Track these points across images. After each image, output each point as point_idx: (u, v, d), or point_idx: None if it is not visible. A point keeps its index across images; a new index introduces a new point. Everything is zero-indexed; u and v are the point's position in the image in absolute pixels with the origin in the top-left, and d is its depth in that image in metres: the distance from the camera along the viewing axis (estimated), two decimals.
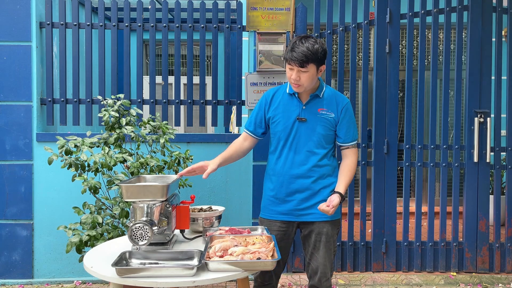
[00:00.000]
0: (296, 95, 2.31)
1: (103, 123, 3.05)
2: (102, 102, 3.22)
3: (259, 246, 1.96)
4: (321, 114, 2.29)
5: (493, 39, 3.68)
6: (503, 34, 4.21)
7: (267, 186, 2.41)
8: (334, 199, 2.19)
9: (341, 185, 2.27)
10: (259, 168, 3.60)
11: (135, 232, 1.93)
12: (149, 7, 3.67)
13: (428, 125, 3.76)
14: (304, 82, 2.21)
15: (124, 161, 2.96)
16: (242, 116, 3.79)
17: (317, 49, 2.17)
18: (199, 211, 2.36)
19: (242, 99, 3.72)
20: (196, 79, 3.89)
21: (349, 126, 2.33)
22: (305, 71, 2.18)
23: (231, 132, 4.86)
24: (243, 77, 3.72)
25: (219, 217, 2.38)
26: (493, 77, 3.70)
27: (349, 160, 2.34)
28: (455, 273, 3.70)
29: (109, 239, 2.84)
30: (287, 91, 2.34)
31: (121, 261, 1.86)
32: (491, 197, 3.87)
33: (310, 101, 2.31)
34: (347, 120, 2.32)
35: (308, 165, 2.29)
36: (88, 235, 2.83)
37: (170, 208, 2.08)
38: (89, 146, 2.93)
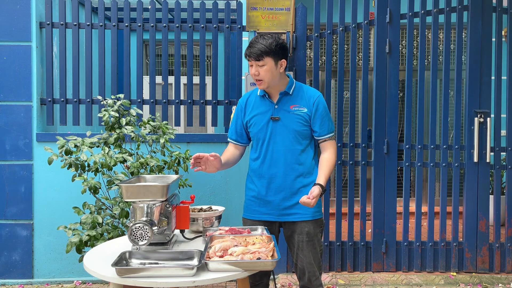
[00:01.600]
0: (267, 96, 2.36)
1: (103, 123, 3.05)
2: (102, 102, 3.22)
3: (259, 246, 1.96)
4: (293, 111, 2.33)
5: (493, 39, 3.68)
6: (503, 34, 4.21)
7: (248, 186, 2.46)
8: (314, 190, 2.20)
9: (321, 177, 2.29)
10: None
11: (135, 232, 1.93)
12: (149, 7, 3.67)
13: (428, 125, 3.76)
14: (264, 77, 2.26)
15: (124, 161, 2.96)
16: None
17: (271, 43, 2.24)
18: (199, 211, 2.36)
19: None
20: (196, 79, 3.89)
21: (323, 119, 2.34)
22: (262, 65, 2.24)
23: None
24: (243, 77, 3.72)
25: (219, 217, 2.38)
26: (493, 77, 3.70)
27: (328, 153, 2.36)
28: (455, 273, 3.70)
29: (109, 239, 2.84)
30: (258, 94, 2.40)
31: (121, 261, 1.86)
32: (491, 197, 3.87)
33: (281, 99, 2.34)
34: (320, 113, 2.34)
35: (287, 163, 2.32)
36: (88, 235, 2.83)
37: (170, 208, 2.08)
38: (89, 146, 2.93)
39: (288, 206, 2.34)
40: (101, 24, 3.66)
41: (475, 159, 3.65)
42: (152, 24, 3.66)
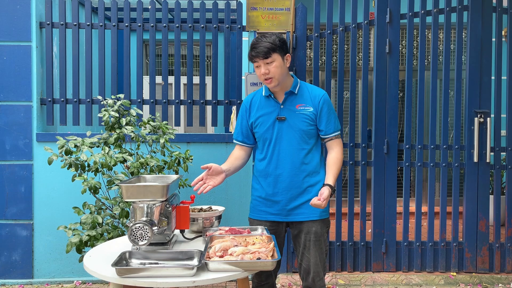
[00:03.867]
0: (273, 96, 2.35)
1: (103, 123, 3.05)
2: (102, 102, 3.22)
3: (259, 246, 1.96)
4: (299, 110, 2.32)
5: (493, 39, 3.68)
6: (503, 34, 4.21)
7: (254, 187, 2.44)
8: (324, 191, 2.21)
9: (330, 177, 2.29)
10: None
11: (135, 232, 1.93)
12: (149, 7, 3.67)
13: (428, 125, 3.76)
14: (275, 74, 2.24)
15: (124, 161, 2.96)
16: None
17: (274, 39, 2.24)
18: (199, 211, 2.36)
19: (242, 99, 3.72)
20: (196, 79, 3.89)
21: (329, 118, 2.34)
22: (271, 62, 2.23)
23: (231, 132, 4.86)
24: (243, 77, 3.72)
25: (219, 217, 2.38)
26: (493, 77, 3.70)
27: (335, 152, 2.35)
28: (455, 273, 3.70)
29: (109, 239, 2.84)
30: (263, 94, 2.38)
31: (121, 261, 1.86)
32: (491, 197, 3.87)
33: (287, 99, 2.33)
34: (326, 111, 2.33)
35: (294, 163, 2.31)
36: (88, 235, 2.83)
37: (170, 208, 2.08)
38: (89, 146, 2.93)
39: (295, 206, 2.33)
40: (101, 24, 3.66)
41: (475, 159, 3.65)
42: (152, 24, 3.66)
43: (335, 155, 2.35)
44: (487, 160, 3.66)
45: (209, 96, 5.30)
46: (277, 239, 2.36)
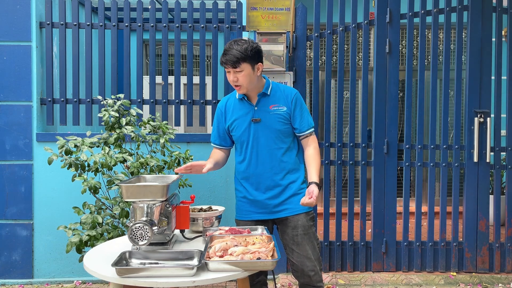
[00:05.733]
0: (246, 98, 2.38)
1: (103, 123, 3.05)
2: (102, 102, 3.22)
3: (259, 246, 1.96)
4: (273, 111, 2.36)
5: (493, 39, 3.68)
6: (503, 34, 4.21)
7: (237, 188, 2.48)
8: (314, 189, 2.24)
9: (313, 175, 2.33)
10: None
11: (135, 232, 1.93)
12: (149, 7, 3.67)
13: (428, 125, 3.76)
14: (243, 82, 2.28)
15: (124, 161, 2.96)
16: None
17: (246, 48, 2.24)
18: (199, 211, 2.37)
19: None
20: (196, 79, 3.89)
21: (302, 115, 2.38)
22: (239, 71, 2.25)
23: None
24: None
25: (219, 217, 2.39)
26: (493, 77, 3.70)
27: (312, 148, 2.40)
28: (455, 273, 3.70)
29: (109, 239, 2.84)
30: (237, 97, 2.41)
31: (121, 261, 1.86)
32: (491, 197, 3.87)
33: (260, 101, 2.37)
34: (299, 110, 2.38)
35: (273, 162, 2.35)
36: (88, 235, 2.83)
37: (170, 208, 2.08)
38: (89, 146, 2.93)
39: (279, 202, 2.38)
40: (101, 24, 3.66)
41: (475, 159, 3.65)
42: (152, 24, 3.66)
43: (312, 151, 2.39)
44: (487, 160, 3.66)
45: (209, 96, 5.29)
46: None
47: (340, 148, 3.71)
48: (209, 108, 3.91)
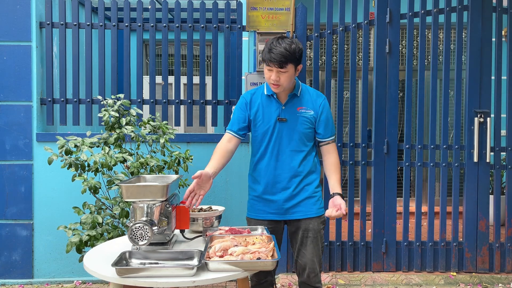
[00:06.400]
0: (275, 96, 2.34)
1: (103, 123, 3.05)
2: (102, 102, 3.22)
3: (259, 246, 1.96)
4: (300, 113, 2.33)
5: (493, 39, 3.68)
6: (503, 34, 4.21)
7: (251, 186, 2.44)
8: (340, 202, 2.24)
9: (336, 185, 2.32)
10: None
11: (135, 232, 1.93)
12: (149, 7, 3.67)
13: (428, 125, 3.76)
14: (284, 82, 2.24)
15: (124, 161, 2.96)
16: None
17: (294, 49, 2.19)
18: (199, 211, 2.36)
19: None
20: (196, 79, 3.89)
21: (327, 122, 2.36)
22: (284, 72, 2.20)
23: None
24: (243, 77, 3.72)
25: (219, 217, 2.38)
26: (493, 77, 3.70)
27: (333, 157, 2.38)
28: (455, 273, 3.70)
29: (109, 239, 2.84)
30: (265, 93, 2.36)
31: (121, 261, 1.86)
32: (491, 197, 3.87)
33: (289, 101, 2.33)
34: (325, 116, 2.36)
35: (293, 164, 2.32)
36: (88, 235, 2.83)
37: (170, 208, 2.08)
38: (89, 146, 2.93)
39: (293, 205, 2.35)
40: (101, 24, 3.66)
41: (475, 159, 3.65)
42: (152, 24, 3.66)
43: (334, 160, 2.37)
44: (487, 160, 3.66)
45: (209, 96, 5.30)
46: (276, 238, 2.37)
47: (340, 148, 3.71)
48: (209, 108, 3.90)
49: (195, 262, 1.90)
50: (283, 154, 2.33)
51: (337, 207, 2.22)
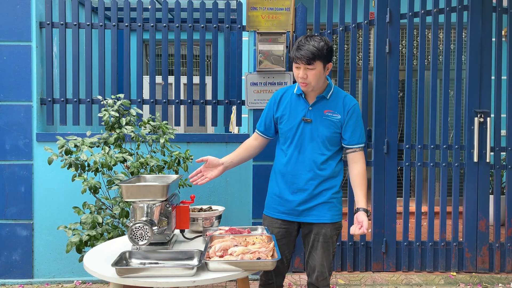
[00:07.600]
0: (303, 96, 2.31)
1: (103, 123, 3.05)
2: (102, 102, 3.22)
3: (259, 246, 1.96)
4: (326, 116, 2.28)
5: (493, 39, 3.68)
6: (503, 34, 4.21)
7: (272, 184, 2.42)
8: (363, 219, 2.20)
9: (362, 199, 2.26)
10: (259, 168, 3.60)
11: (135, 232, 1.93)
12: (149, 7, 3.67)
13: (428, 125, 3.76)
14: (312, 80, 2.21)
15: (124, 161, 2.96)
16: (242, 116, 3.79)
17: (322, 46, 2.17)
18: (199, 211, 2.37)
19: (242, 99, 3.72)
20: (196, 79, 3.89)
21: (355, 128, 2.29)
22: (312, 69, 2.18)
23: (231, 132, 4.86)
24: (243, 77, 3.72)
25: (219, 217, 2.39)
26: (493, 77, 3.70)
27: (359, 166, 2.31)
28: (455, 273, 3.70)
29: (109, 239, 2.84)
30: (295, 92, 2.34)
31: (121, 261, 1.86)
32: (491, 197, 3.87)
33: (317, 102, 2.30)
34: (353, 121, 2.29)
35: (311, 166, 2.29)
36: (88, 235, 2.83)
37: (170, 208, 2.08)
38: (89, 146, 2.93)
39: (308, 208, 2.31)
40: (101, 24, 3.66)
41: (475, 159, 3.66)
42: (152, 24, 3.66)
43: (360, 170, 2.30)
44: (487, 160, 3.66)
45: (209, 96, 5.30)
46: (288, 238, 2.38)
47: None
48: (209, 108, 3.90)
49: (195, 262, 1.90)
50: (304, 154, 2.30)
51: (359, 224, 2.19)
